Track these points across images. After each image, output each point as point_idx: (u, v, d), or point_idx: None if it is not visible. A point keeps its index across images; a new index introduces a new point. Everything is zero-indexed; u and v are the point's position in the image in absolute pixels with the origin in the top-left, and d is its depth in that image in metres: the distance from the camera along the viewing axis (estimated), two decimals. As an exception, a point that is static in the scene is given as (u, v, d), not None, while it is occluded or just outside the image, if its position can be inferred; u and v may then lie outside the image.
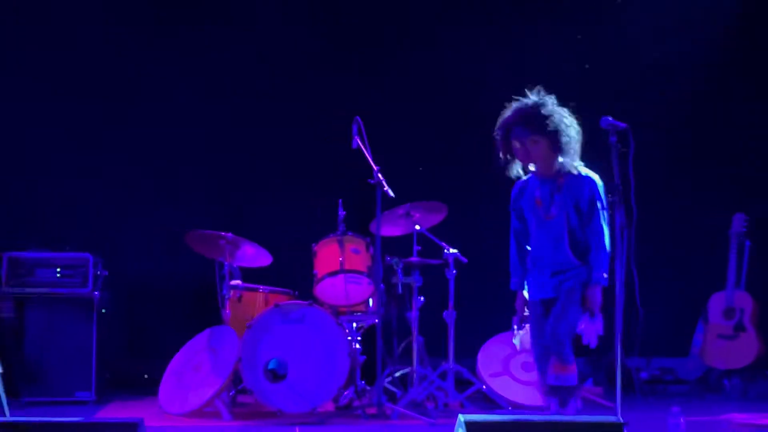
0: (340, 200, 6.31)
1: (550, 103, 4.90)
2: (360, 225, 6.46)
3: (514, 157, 4.93)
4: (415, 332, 6.27)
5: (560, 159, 4.84)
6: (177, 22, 7.45)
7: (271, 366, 5.88)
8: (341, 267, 6.12)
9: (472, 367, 6.50)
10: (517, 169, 4.97)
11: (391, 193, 5.90)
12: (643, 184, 4.88)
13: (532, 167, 4.91)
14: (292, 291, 6.62)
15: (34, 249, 6.59)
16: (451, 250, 6.31)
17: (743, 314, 7.02)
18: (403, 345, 6.52)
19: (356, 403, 6.06)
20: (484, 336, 6.67)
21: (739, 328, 7.02)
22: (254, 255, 6.40)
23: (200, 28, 7.45)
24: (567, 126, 4.85)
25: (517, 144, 4.86)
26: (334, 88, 7.38)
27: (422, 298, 6.31)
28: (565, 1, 7.67)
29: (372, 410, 5.87)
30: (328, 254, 6.22)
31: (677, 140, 7.68)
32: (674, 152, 7.63)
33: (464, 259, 6.34)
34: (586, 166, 4.95)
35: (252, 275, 6.63)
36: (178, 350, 6.30)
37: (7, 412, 5.33)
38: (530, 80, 7.04)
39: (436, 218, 6.41)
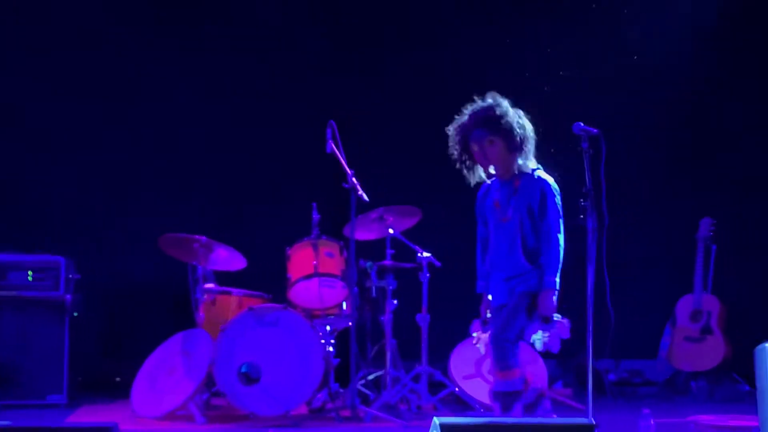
0: (314, 204, 6.33)
1: (505, 104, 4.95)
2: (334, 229, 6.48)
3: (474, 161, 4.98)
4: (388, 335, 6.31)
5: (519, 161, 4.90)
6: (169, 22, 7.43)
7: (244, 369, 5.89)
8: (315, 270, 6.13)
9: (445, 370, 6.55)
10: (479, 174, 5.03)
11: (366, 198, 5.93)
12: (612, 189, 4.96)
13: (492, 170, 4.96)
14: (266, 294, 6.63)
15: (5, 252, 6.55)
16: (425, 254, 6.36)
17: (710, 317, 7.12)
18: (376, 348, 6.57)
19: (330, 406, 6.10)
20: (456, 339, 6.72)
21: (706, 330, 7.12)
22: (228, 258, 6.41)
23: (197, 27, 7.46)
24: (521, 126, 4.90)
25: (475, 147, 4.92)
26: (307, 92, 7.40)
27: (396, 302, 6.35)
28: (562, 2, 7.73)
29: (345, 413, 5.90)
30: (302, 258, 6.24)
31: (646, 145, 7.79)
32: (643, 157, 7.74)
33: (438, 263, 6.39)
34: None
35: (226, 279, 6.63)
36: (150, 353, 6.28)
37: (-20, 416, 5.33)
38: (508, 82, 7.10)
39: (410, 222, 6.45)
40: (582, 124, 4.98)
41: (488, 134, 4.87)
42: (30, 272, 6.50)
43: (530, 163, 4.94)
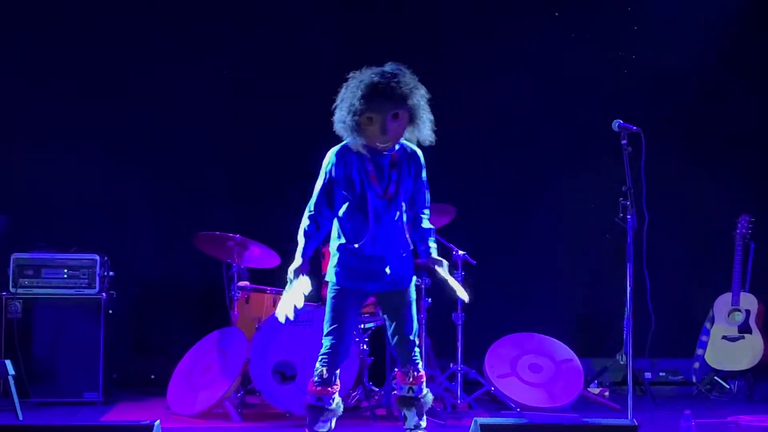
0: (350, 202, 6.29)
1: (410, 73, 4.41)
2: (368, 227, 6.45)
3: (360, 129, 4.33)
4: (422, 333, 6.27)
5: (408, 134, 4.42)
6: (192, 23, 7.44)
7: (279, 367, 5.89)
8: (350, 268, 6.10)
9: (480, 369, 6.51)
10: (356, 143, 4.42)
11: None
12: (649, 186, 4.91)
13: (385, 142, 4.36)
14: (300, 292, 6.59)
15: (41, 250, 6.59)
16: (460, 252, 6.32)
17: (749, 316, 7.03)
18: (411, 346, 6.52)
19: (365, 404, 6.08)
20: (491, 337, 6.69)
21: (745, 329, 7.03)
22: (262, 256, 6.40)
23: (213, 27, 7.44)
24: (426, 102, 4.41)
25: (373, 115, 4.29)
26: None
27: (430, 300, 6.31)
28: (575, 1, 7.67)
29: (380, 411, 5.88)
30: (336, 256, 6.21)
31: (682, 142, 7.70)
32: (679, 154, 7.66)
33: (473, 261, 6.35)
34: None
35: (260, 276, 6.63)
36: (185, 351, 6.31)
37: (20, 415, 5.34)
38: (543, 80, 7.05)
39: (444, 220, 6.40)
40: (621, 121, 4.95)
41: (395, 107, 4.30)
42: (65, 270, 6.52)
43: (416, 136, 4.45)
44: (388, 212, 4.48)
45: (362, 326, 6.29)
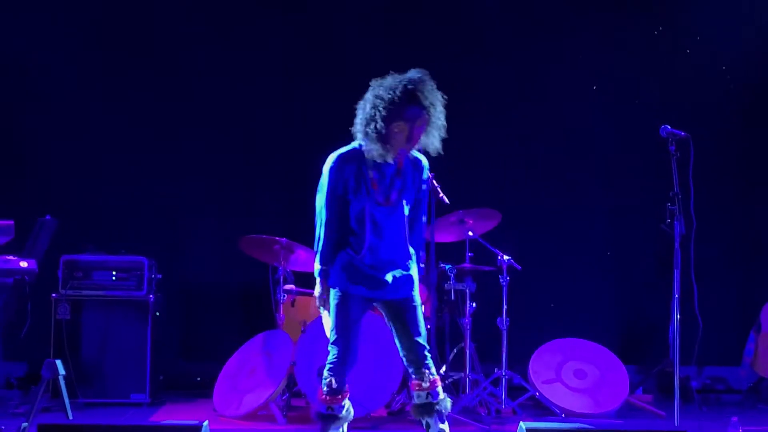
0: (394, 206, 6.31)
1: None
2: (413, 231, 6.46)
3: (388, 138, 4.18)
4: (467, 338, 6.29)
5: (422, 139, 4.24)
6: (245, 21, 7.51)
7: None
8: (394, 273, 6.12)
9: (525, 374, 6.50)
10: (371, 151, 4.25)
11: (447, 200, 5.88)
12: (696, 193, 4.88)
13: (408, 150, 4.22)
14: (344, 296, 6.63)
15: (90, 252, 6.67)
16: (505, 257, 6.32)
17: (796, 323, 6.97)
18: (455, 351, 6.53)
19: (409, 408, 6.08)
20: (536, 343, 6.67)
21: (792, 337, 6.96)
22: (308, 259, 6.43)
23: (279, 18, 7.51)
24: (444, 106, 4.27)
25: (404, 124, 4.17)
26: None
27: (474, 305, 6.32)
28: (623, 7, 7.63)
29: (425, 415, 5.87)
30: (381, 260, 6.23)
31: (728, 148, 7.64)
32: (725, 160, 7.59)
33: (518, 266, 6.34)
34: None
35: (305, 279, 6.65)
36: (231, 353, 6.37)
37: (70, 414, 5.42)
38: (590, 85, 7.01)
39: (489, 225, 6.41)
40: (669, 127, 4.93)
41: (425, 116, 4.16)
42: (114, 272, 6.61)
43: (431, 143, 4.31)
44: (390, 221, 4.32)
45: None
